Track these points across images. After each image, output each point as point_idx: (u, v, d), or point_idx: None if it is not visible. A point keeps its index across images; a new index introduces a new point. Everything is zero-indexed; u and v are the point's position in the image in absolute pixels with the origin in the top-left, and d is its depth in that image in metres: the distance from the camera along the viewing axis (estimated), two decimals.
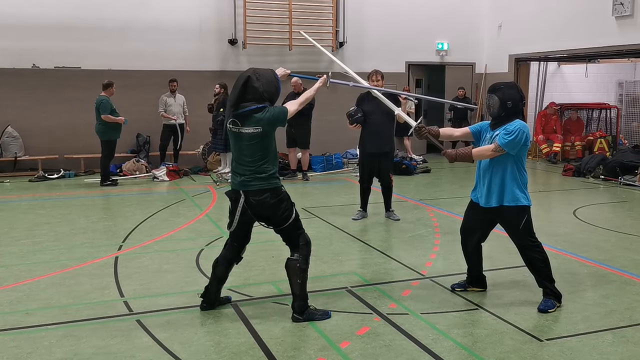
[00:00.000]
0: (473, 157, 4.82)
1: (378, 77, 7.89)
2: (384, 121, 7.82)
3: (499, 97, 4.76)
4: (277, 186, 4.53)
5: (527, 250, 4.86)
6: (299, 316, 4.55)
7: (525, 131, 4.72)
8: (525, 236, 4.84)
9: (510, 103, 4.74)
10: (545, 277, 4.86)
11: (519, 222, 4.80)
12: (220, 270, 4.75)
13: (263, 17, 13.66)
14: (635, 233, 7.39)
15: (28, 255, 6.48)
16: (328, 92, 14.26)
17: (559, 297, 4.88)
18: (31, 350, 4.11)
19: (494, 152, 4.71)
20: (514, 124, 4.71)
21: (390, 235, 7.42)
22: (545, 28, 13.82)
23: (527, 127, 4.80)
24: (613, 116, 15.72)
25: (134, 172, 12.11)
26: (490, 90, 4.90)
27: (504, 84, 4.89)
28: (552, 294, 4.86)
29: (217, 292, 4.80)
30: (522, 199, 4.77)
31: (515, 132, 4.66)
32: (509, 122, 4.75)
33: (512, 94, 4.77)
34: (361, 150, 8.13)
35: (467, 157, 4.83)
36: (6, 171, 12.13)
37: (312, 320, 4.53)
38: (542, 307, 4.78)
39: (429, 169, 13.07)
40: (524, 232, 4.83)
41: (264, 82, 4.54)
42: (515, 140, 4.65)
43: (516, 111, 4.78)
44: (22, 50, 12.25)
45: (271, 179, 4.50)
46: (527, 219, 4.81)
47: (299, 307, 4.57)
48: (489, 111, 4.89)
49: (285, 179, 11.73)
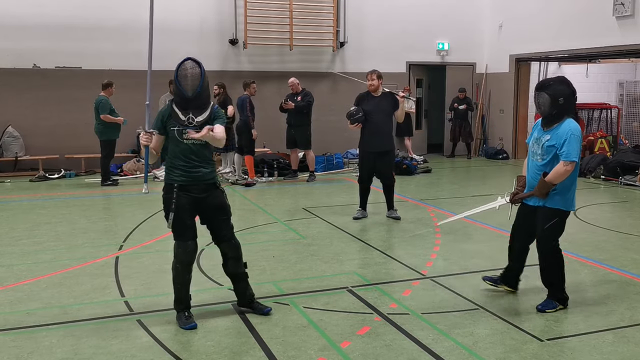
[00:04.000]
0: (554, 183, 4.59)
1: (373, 77, 7.87)
2: (384, 120, 7.85)
3: (549, 94, 4.57)
4: (165, 182, 4.51)
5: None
6: None
7: (577, 133, 4.54)
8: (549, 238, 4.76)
9: (562, 99, 4.56)
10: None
11: (547, 222, 4.69)
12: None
13: (263, 17, 13.66)
14: (636, 233, 7.38)
15: (29, 255, 6.49)
16: (328, 93, 14.32)
17: (564, 300, 4.84)
18: (32, 350, 4.11)
19: (566, 168, 4.53)
20: (564, 131, 4.54)
21: (390, 235, 7.42)
22: (546, 28, 13.81)
23: (578, 126, 4.62)
24: (614, 116, 15.72)
25: (135, 172, 12.12)
26: (538, 87, 4.71)
27: (553, 80, 4.71)
28: (555, 296, 4.82)
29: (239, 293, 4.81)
30: (560, 202, 4.65)
31: (569, 141, 4.50)
32: (560, 122, 4.59)
33: (563, 90, 4.59)
34: (361, 150, 8.14)
35: (550, 187, 4.62)
36: (7, 171, 12.14)
37: (177, 322, 4.50)
38: (540, 307, 4.77)
39: (430, 169, 13.07)
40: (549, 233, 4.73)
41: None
42: (575, 147, 4.51)
43: (569, 107, 4.61)
44: (23, 50, 12.27)
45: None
46: (557, 221, 4.69)
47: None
48: (539, 110, 4.70)
49: (287, 179, 11.75)
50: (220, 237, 4.61)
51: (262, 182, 11.46)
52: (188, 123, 4.36)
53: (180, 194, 4.40)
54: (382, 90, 7.98)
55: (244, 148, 11.09)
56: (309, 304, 4.95)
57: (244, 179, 11.23)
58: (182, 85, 4.35)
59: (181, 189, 4.41)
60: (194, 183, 4.43)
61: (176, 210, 4.38)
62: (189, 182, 4.41)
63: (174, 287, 4.55)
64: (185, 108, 4.39)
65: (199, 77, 4.35)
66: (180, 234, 4.47)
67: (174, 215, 4.38)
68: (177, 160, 4.41)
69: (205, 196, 4.48)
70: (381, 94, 7.94)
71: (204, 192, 4.47)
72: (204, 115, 4.42)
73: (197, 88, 4.35)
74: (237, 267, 4.70)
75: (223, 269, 4.73)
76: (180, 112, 4.39)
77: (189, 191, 4.42)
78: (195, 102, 4.39)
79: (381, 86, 7.97)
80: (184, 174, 4.41)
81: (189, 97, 4.35)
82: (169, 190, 4.43)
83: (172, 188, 4.41)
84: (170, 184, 4.43)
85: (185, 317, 4.50)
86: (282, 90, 12.24)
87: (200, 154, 4.43)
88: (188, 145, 4.38)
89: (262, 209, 8.86)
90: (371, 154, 7.92)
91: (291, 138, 11.58)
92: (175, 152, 4.42)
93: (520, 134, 15.40)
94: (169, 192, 4.42)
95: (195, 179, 4.43)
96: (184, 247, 4.47)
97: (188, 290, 4.56)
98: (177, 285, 4.53)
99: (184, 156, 4.40)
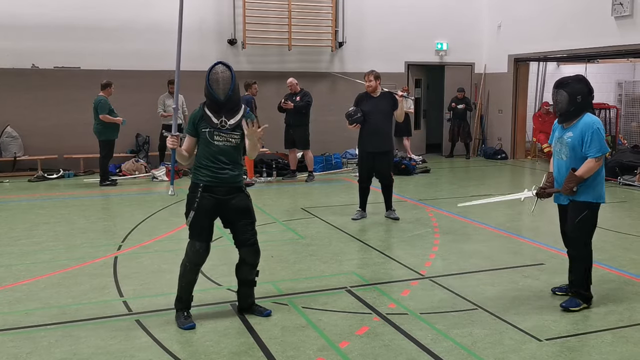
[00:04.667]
0: (584, 177, 4.67)
1: (370, 78, 7.87)
2: (383, 120, 7.87)
3: (568, 92, 4.68)
4: (192, 181, 4.54)
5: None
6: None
7: (599, 125, 4.65)
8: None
9: (579, 97, 4.67)
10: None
11: (577, 215, 4.74)
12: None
13: (262, 17, 13.66)
14: (635, 233, 7.39)
15: (27, 255, 6.48)
16: (327, 93, 14.33)
17: (588, 299, 4.85)
18: (30, 350, 4.11)
19: (598, 163, 4.64)
20: (587, 126, 4.63)
21: (389, 235, 7.43)
22: (545, 28, 13.82)
23: (598, 119, 4.73)
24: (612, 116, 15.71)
25: (134, 172, 12.11)
26: (556, 85, 4.81)
27: (571, 79, 4.80)
28: (580, 295, 4.83)
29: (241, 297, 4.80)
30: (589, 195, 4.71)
31: (594, 135, 4.60)
32: (579, 118, 4.68)
33: (581, 88, 4.70)
34: (360, 150, 8.14)
35: (580, 180, 4.67)
36: (5, 171, 12.12)
37: (176, 321, 4.51)
38: (564, 305, 4.77)
39: (429, 169, 13.07)
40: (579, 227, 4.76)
41: None
42: (602, 141, 4.62)
43: (586, 105, 4.71)
44: (22, 50, 12.25)
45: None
46: (587, 214, 4.73)
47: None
48: (557, 107, 4.79)
49: (285, 179, 11.75)
50: (242, 241, 4.60)
51: (260, 182, 11.46)
52: (221, 126, 4.42)
53: (204, 195, 4.44)
54: (380, 90, 7.98)
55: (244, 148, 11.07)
56: (308, 304, 4.95)
57: (243, 179, 11.22)
58: (214, 89, 4.40)
59: (205, 190, 4.44)
60: (220, 184, 4.46)
61: (197, 210, 4.43)
62: (215, 183, 4.44)
63: (179, 285, 4.56)
64: (217, 111, 4.44)
65: (229, 81, 4.41)
66: (195, 234, 4.51)
67: (194, 214, 4.43)
68: (205, 160, 4.46)
69: (229, 198, 4.50)
70: (380, 94, 7.94)
71: (228, 194, 4.49)
72: (236, 118, 4.47)
73: (229, 91, 4.41)
74: (250, 274, 4.69)
75: (235, 271, 4.72)
76: (213, 115, 4.45)
77: (213, 192, 4.45)
78: (228, 105, 4.45)
79: (379, 86, 7.97)
80: (211, 174, 4.44)
81: (221, 100, 4.41)
82: (194, 189, 4.48)
83: (197, 188, 4.46)
84: (196, 183, 4.48)
85: (184, 317, 4.50)
86: (281, 91, 12.24)
87: (230, 156, 4.48)
88: (219, 146, 4.43)
89: (261, 209, 8.85)
90: (370, 154, 7.93)
91: (290, 138, 11.58)
92: (205, 153, 4.46)
93: (518, 134, 15.42)
94: (194, 191, 4.47)
95: (221, 181, 4.46)
96: (196, 247, 4.51)
97: (191, 291, 4.58)
98: (182, 283, 4.55)
99: (213, 157, 4.43)
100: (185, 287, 4.55)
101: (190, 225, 4.49)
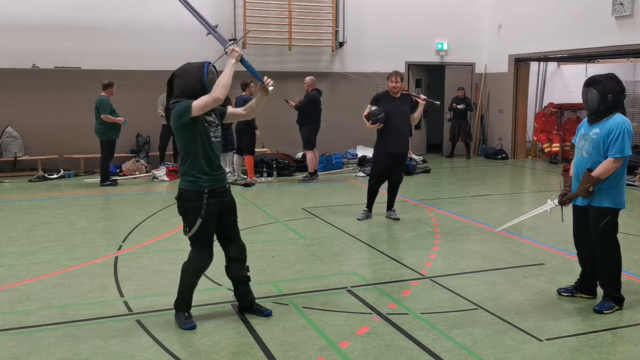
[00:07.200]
0: (601, 178, 4.61)
1: (397, 79, 7.83)
2: (404, 121, 7.90)
3: (599, 90, 4.58)
4: (183, 188, 4.36)
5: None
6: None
7: (629, 127, 4.54)
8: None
9: (611, 96, 4.56)
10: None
11: (599, 222, 4.69)
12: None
13: (263, 17, 13.66)
14: (635, 233, 7.38)
15: (28, 255, 6.48)
16: (327, 93, 14.29)
17: (620, 301, 4.82)
18: (31, 350, 4.11)
19: (616, 164, 4.55)
20: (616, 125, 4.53)
21: (390, 235, 7.43)
22: (545, 28, 13.81)
23: (628, 120, 4.60)
24: None
25: (134, 172, 12.11)
26: (587, 83, 4.69)
27: (602, 77, 4.69)
28: (611, 297, 4.80)
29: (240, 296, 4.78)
30: (607, 200, 4.64)
31: (622, 135, 4.49)
32: (609, 117, 4.58)
33: (613, 86, 4.60)
34: (380, 150, 8.01)
35: (596, 181, 4.62)
36: (6, 171, 12.12)
37: (176, 322, 4.51)
38: (597, 308, 4.74)
39: (429, 169, 13.07)
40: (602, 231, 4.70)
41: (185, 77, 4.40)
42: (625, 142, 4.50)
43: (617, 104, 4.60)
44: (22, 50, 12.25)
45: (183, 178, 4.38)
46: (609, 220, 4.69)
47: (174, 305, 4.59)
48: (587, 105, 4.68)
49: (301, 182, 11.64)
50: (232, 237, 4.59)
51: (261, 183, 11.46)
52: (214, 122, 4.45)
53: (210, 201, 4.34)
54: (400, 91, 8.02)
55: (245, 148, 11.09)
56: (308, 304, 4.95)
57: (243, 179, 11.23)
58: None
59: (211, 195, 4.35)
60: (220, 185, 4.45)
61: (205, 217, 4.33)
62: (216, 185, 4.40)
63: (180, 288, 4.55)
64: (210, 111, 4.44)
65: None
66: (203, 242, 4.43)
67: (201, 222, 4.32)
68: (202, 163, 4.32)
69: (225, 199, 4.49)
70: (400, 95, 7.96)
71: (225, 194, 4.49)
72: (214, 114, 4.54)
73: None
74: (240, 270, 4.67)
75: (226, 272, 4.71)
76: (206, 114, 4.42)
77: (216, 196, 4.39)
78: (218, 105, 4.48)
79: (401, 88, 8.01)
80: (212, 178, 4.38)
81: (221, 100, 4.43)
82: (197, 197, 4.31)
83: (201, 195, 4.31)
84: (199, 190, 4.31)
85: (184, 317, 4.50)
86: (282, 90, 12.23)
87: (219, 153, 4.47)
88: (215, 143, 4.40)
89: (261, 209, 8.85)
90: (390, 154, 7.88)
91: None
92: (201, 154, 4.31)
93: (519, 134, 15.41)
94: (198, 199, 4.31)
95: (221, 181, 4.46)
96: (205, 255, 4.46)
97: (192, 294, 4.58)
98: (183, 287, 4.54)
99: (209, 157, 4.34)
100: (187, 291, 4.54)
101: (196, 235, 4.39)
